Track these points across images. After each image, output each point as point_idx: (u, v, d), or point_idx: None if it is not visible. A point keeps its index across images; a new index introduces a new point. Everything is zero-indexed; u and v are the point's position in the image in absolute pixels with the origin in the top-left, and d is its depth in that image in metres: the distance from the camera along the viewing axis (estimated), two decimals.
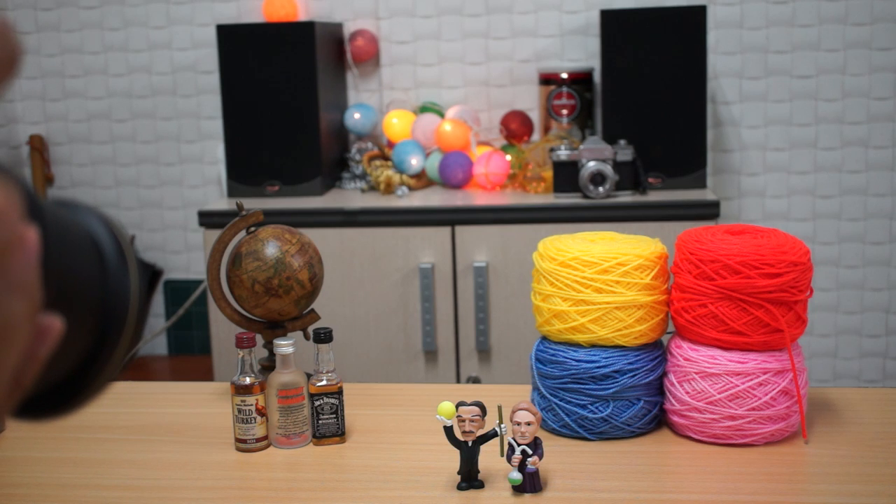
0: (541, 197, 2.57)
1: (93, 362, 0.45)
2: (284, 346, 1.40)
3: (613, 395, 1.38)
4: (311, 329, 1.53)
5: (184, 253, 3.16)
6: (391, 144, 2.86)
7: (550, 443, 1.34)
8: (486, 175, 2.66)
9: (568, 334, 1.40)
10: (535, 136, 2.85)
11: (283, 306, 1.53)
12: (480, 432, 1.24)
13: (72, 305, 0.41)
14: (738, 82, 2.87)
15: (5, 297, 0.34)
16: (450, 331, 2.50)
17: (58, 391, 0.45)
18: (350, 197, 2.68)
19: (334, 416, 1.42)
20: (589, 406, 1.39)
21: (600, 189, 2.48)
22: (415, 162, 2.72)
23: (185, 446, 1.45)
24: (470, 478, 1.27)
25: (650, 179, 2.57)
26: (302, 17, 2.95)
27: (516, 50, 2.90)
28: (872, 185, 2.87)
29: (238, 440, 1.42)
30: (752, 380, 1.34)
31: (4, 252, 0.34)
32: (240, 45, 2.63)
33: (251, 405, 1.40)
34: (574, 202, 2.48)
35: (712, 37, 2.84)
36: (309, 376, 1.43)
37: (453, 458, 1.26)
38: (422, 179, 2.75)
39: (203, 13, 3.04)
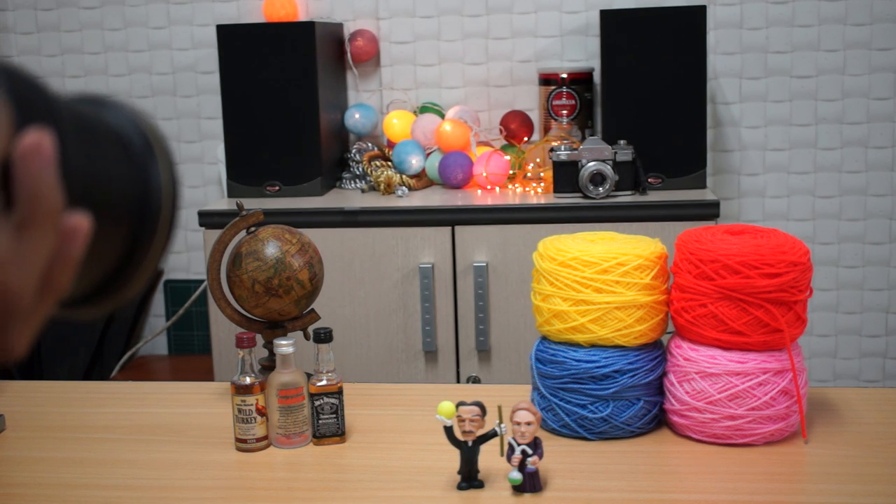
0: (541, 197, 2.57)
1: (131, 256, 0.45)
2: (284, 346, 1.40)
3: (613, 395, 1.38)
4: (311, 329, 1.53)
5: (184, 253, 3.16)
6: (391, 144, 2.85)
7: (550, 443, 1.34)
8: (486, 175, 2.66)
9: (568, 334, 1.40)
10: (535, 136, 2.85)
11: (283, 306, 1.53)
12: (480, 432, 1.24)
13: (99, 203, 0.40)
14: (737, 82, 2.87)
15: (26, 201, 0.34)
16: (450, 331, 2.50)
17: (101, 287, 0.45)
18: (350, 197, 2.68)
19: (334, 416, 1.42)
20: (589, 406, 1.39)
21: (600, 189, 2.48)
22: (415, 162, 2.72)
23: (185, 446, 1.45)
24: (470, 478, 1.27)
25: (650, 179, 2.57)
26: (302, 17, 2.95)
27: (516, 50, 2.90)
28: (872, 185, 2.87)
29: (238, 440, 1.42)
30: (751, 380, 1.34)
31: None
32: (240, 45, 2.63)
33: (251, 405, 1.40)
34: (574, 202, 2.48)
35: (712, 37, 2.84)
36: (309, 376, 1.43)
37: (453, 458, 1.26)
38: (422, 179, 2.75)
39: (203, 13, 3.04)
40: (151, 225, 0.45)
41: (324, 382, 1.41)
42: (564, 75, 2.73)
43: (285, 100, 2.63)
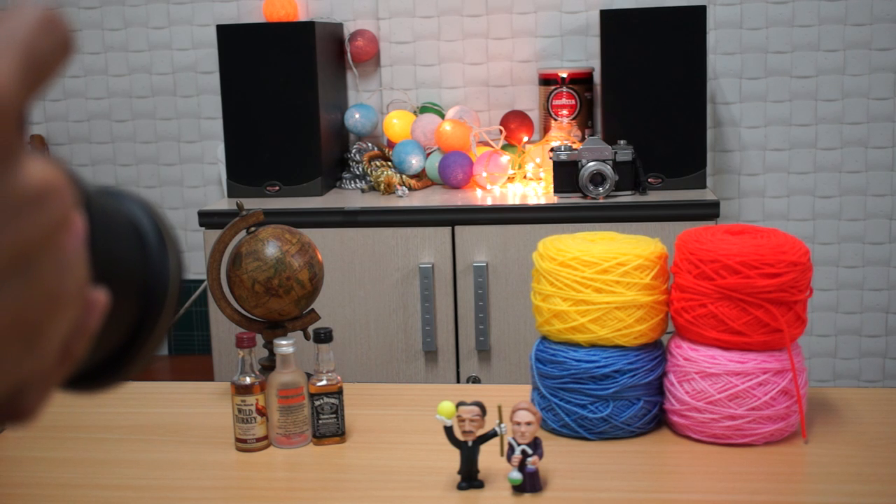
0: (541, 197, 2.57)
1: (135, 339, 0.48)
2: (284, 346, 1.40)
3: (613, 395, 1.38)
4: (311, 329, 1.53)
5: (184, 253, 3.16)
6: (391, 144, 2.86)
7: (550, 443, 1.34)
8: (486, 175, 2.66)
9: (568, 334, 1.40)
10: (535, 136, 2.85)
11: (283, 306, 1.53)
12: (480, 432, 1.24)
13: (115, 285, 0.44)
14: (737, 82, 2.87)
15: (60, 271, 0.36)
16: (450, 331, 2.50)
17: (104, 366, 0.49)
18: (350, 197, 2.68)
19: (334, 416, 1.42)
20: (589, 406, 1.39)
21: (600, 189, 2.48)
22: (415, 162, 2.72)
23: (185, 446, 1.45)
24: (470, 478, 1.27)
25: (650, 179, 2.57)
26: (302, 17, 2.95)
27: (516, 50, 2.90)
28: (872, 185, 2.87)
29: (238, 440, 1.42)
30: (751, 380, 1.34)
31: (61, 227, 0.36)
32: (240, 45, 2.63)
33: (251, 405, 1.40)
34: (574, 202, 2.48)
35: (712, 37, 2.84)
36: (309, 376, 1.43)
37: (453, 458, 1.26)
38: (422, 179, 2.75)
39: (203, 13, 3.04)
40: (158, 308, 0.49)
41: (324, 382, 1.41)
42: (564, 75, 2.73)
43: (285, 100, 2.63)
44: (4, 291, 0.34)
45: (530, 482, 1.24)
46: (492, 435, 1.24)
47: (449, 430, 1.25)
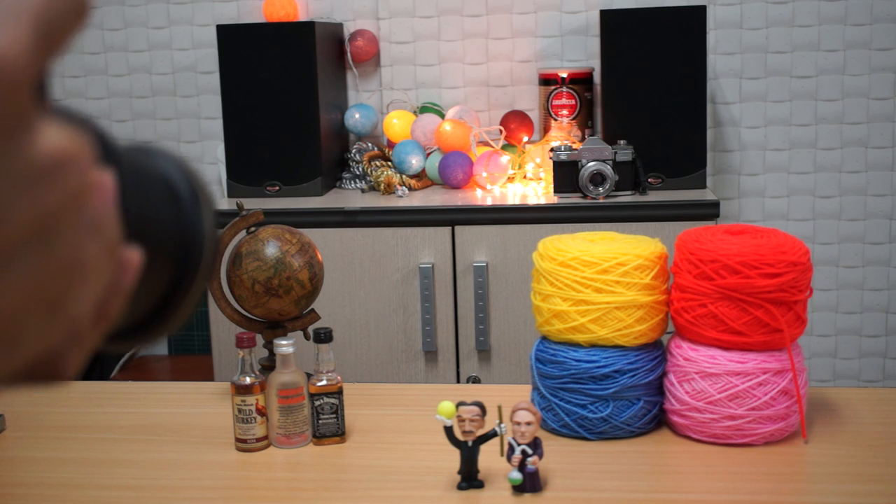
0: (541, 197, 2.57)
1: (172, 295, 0.48)
2: (284, 346, 1.40)
3: (613, 395, 1.38)
4: (311, 329, 1.53)
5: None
6: (391, 144, 2.86)
7: (550, 443, 1.34)
8: (486, 175, 2.66)
9: (568, 334, 1.40)
10: (535, 136, 2.85)
11: (283, 306, 1.53)
12: (480, 432, 1.24)
13: (149, 243, 0.43)
14: (737, 82, 2.87)
15: (81, 238, 0.36)
16: (450, 331, 2.50)
17: (143, 322, 0.49)
18: (350, 197, 2.68)
19: (334, 416, 1.42)
20: (589, 406, 1.39)
21: (600, 189, 2.48)
22: (415, 162, 2.72)
23: (185, 446, 1.45)
24: (470, 478, 1.27)
25: (650, 179, 2.57)
26: (302, 17, 2.95)
27: (516, 50, 2.90)
28: (872, 185, 2.87)
29: (238, 440, 1.42)
30: (751, 380, 1.34)
31: (79, 195, 0.36)
32: (240, 45, 2.63)
33: (251, 405, 1.40)
34: (574, 202, 2.48)
35: (712, 37, 2.84)
36: (309, 376, 1.43)
37: (453, 458, 1.26)
38: (422, 179, 2.75)
39: (203, 13, 3.04)
40: (194, 266, 0.49)
41: (324, 382, 1.41)
42: (564, 75, 2.73)
43: (285, 100, 2.64)
44: (22, 263, 0.34)
45: (530, 482, 1.24)
46: (492, 435, 1.24)
47: (449, 430, 1.25)
